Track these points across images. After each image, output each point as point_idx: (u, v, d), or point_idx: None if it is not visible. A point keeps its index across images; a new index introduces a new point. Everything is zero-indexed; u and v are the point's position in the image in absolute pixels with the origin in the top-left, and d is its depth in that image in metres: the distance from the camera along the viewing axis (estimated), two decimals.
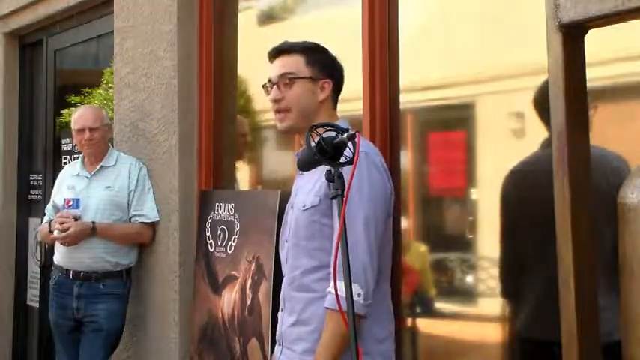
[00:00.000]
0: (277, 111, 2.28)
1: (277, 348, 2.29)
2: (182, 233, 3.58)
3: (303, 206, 2.16)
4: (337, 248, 1.66)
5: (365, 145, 2.14)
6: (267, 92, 2.31)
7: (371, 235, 2.06)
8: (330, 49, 2.39)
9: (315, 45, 2.34)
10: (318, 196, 2.13)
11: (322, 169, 1.80)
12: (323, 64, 2.29)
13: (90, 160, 3.80)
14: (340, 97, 2.38)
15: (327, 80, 2.28)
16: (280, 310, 2.30)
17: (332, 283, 2.01)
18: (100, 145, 3.76)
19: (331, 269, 1.71)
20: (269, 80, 2.31)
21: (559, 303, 1.64)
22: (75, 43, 4.99)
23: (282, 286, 2.29)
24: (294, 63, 2.27)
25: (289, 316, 2.22)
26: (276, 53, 2.32)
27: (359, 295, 2.00)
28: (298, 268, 2.19)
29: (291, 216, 2.27)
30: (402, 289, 2.67)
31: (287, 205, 2.37)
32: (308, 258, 2.16)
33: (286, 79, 2.25)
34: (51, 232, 3.62)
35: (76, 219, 3.59)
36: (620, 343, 1.53)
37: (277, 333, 2.29)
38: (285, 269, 2.28)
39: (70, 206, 3.62)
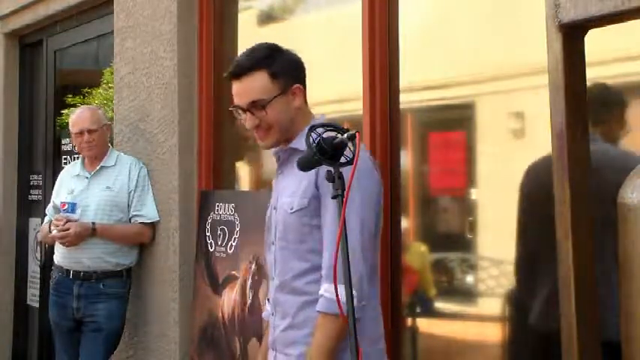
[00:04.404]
0: (257, 131, 2.17)
1: (271, 353, 2.24)
2: (182, 233, 3.58)
3: (291, 209, 2.13)
4: (337, 250, 1.64)
5: None
6: (238, 115, 2.20)
7: (365, 239, 2.05)
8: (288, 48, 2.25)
9: (271, 50, 2.18)
10: (306, 197, 2.10)
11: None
12: (287, 71, 2.16)
13: (90, 160, 3.79)
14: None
15: (298, 86, 2.18)
16: (271, 314, 2.25)
17: (324, 286, 2.02)
18: (99, 146, 3.75)
19: (332, 271, 1.68)
20: (237, 106, 2.18)
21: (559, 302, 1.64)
22: (75, 43, 4.99)
23: (271, 289, 2.24)
24: (260, 84, 2.12)
25: (282, 320, 2.18)
26: (236, 75, 2.15)
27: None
28: (289, 271, 2.15)
29: (275, 218, 2.22)
30: (402, 289, 2.67)
31: (268, 207, 2.32)
32: (299, 261, 2.13)
33: (258, 106, 2.13)
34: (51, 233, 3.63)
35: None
36: None
37: (270, 339, 2.24)
38: (273, 272, 2.23)
39: (65, 210, 3.62)
